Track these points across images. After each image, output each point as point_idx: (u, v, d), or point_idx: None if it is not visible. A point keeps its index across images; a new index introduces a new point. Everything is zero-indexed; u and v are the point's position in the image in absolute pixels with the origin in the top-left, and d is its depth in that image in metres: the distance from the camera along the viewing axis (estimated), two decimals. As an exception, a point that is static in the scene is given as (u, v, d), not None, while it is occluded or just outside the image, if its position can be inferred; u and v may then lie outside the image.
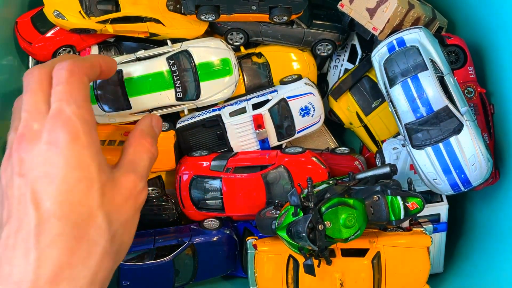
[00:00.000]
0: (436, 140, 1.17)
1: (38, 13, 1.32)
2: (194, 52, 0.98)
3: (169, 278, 1.25)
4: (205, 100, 1.13)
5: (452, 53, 1.33)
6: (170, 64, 0.85)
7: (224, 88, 0.94)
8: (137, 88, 0.95)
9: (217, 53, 1.18)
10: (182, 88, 0.89)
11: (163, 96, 0.98)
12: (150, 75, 0.92)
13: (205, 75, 0.94)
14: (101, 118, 1.15)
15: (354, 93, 1.42)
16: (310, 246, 1.05)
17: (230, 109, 1.36)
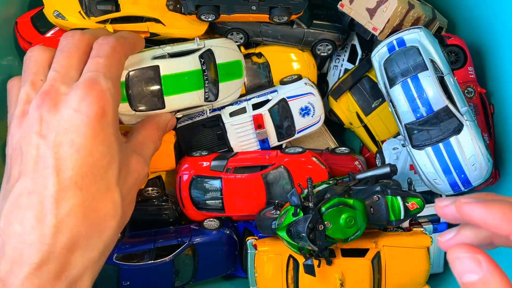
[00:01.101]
0: (436, 140, 1.17)
1: (38, 13, 1.32)
2: (216, 51, 0.94)
3: (169, 278, 1.25)
4: (220, 102, 1.10)
5: (452, 53, 1.33)
6: (202, 63, 0.82)
7: (235, 90, 0.91)
8: (173, 87, 0.89)
9: (233, 55, 1.15)
10: (209, 88, 0.85)
11: (195, 96, 0.94)
12: (186, 73, 0.88)
13: (223, 76, 0.90)
14: (128, 118, 1.04)
15: (354, 93, 1.42)
16: (310, 246, 1.05)
17: (230, 109, 1.36)
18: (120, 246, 1.23)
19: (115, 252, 1.21)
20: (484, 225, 0.48)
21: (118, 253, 1.21)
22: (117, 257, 1.21)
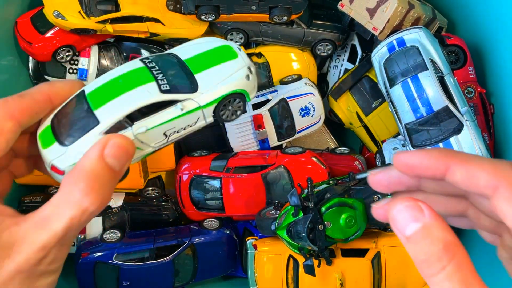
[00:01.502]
0: (436, 140, 1.17)
1: (38, 13, 1.32)
2: (178, 52, 0.63)
3: (169, 278, 1.25)
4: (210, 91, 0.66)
5: (452, 53, 1.33)
6: (146, 62, 0.61)
7: (233, 72, 0.57)
8: (104, 96, 0.59)
9: (211, 45, 0.75)
10: (168, 80, 0.60)
11: (143, 91, 0.58)
12: (120, 76, 0.60)
13: (198, 66, 0.63)
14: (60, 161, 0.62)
15: (354, 93, 1.42)
16: (310, 246, 1.05)
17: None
18: (120, 246, 1.23)
19: (115, 252, 1.21)
20: (420, 167, 0.48)
21: (118, 253, 1.21)
22: (117, 257, 1.21)
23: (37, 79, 1.39)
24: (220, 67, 0.64)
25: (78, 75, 1.38)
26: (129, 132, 0.58)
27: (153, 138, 0.60)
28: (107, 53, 1.40)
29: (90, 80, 1.39)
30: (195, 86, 0.62)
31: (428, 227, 0.42)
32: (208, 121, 0.65)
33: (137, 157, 0.61)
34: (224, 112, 0.64)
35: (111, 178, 0.51)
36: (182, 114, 0.61)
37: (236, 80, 0.63)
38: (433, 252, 0.41)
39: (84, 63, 1.38)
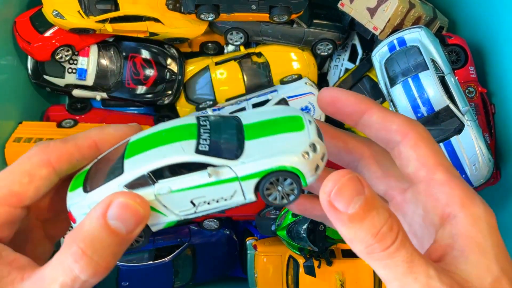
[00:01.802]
0: (437, 140, 1.16)
1: (37, 12, 1.32)
2: (244, 115, 0.55)
3: (169, 279, 1.25)
4: (253, 161, 0.52)
5: (453, 53, 1.32)
6: (200, 120, 0.54)
7: (289, 146, 0.49)
8: (139, 147, 0.53)
9: (281, 113, 0.59)
10: (211, 141, 0.51)
11: (176, 148, 0.51)
12: (165, 130, 0.54)
13: (254, 133, 0.51)
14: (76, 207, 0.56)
15: (354, 93, 1.41)
16: (310, 246, 1.05)
17: (230, 109, 1.35)
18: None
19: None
20: (345, 102, 0.48)
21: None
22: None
23: (36, 78, 1.39)
24: (277, 138, 0.51)
25: (77, 74, 1.38)
26: (150, 190, 0.49)
27: (177, 204, 0.51)
28: (106, 53, 1.39)
29: (89, 79, 1.38)
30: (239, 153, 0.50)
31: (371, 198, 0.39)
32: (248, 198, 0.51)
33: (159, 223, 0.51)
34: (271, 192, 0.50)
35: (114, 242, 0.44)
36: (214, 183, 0.49)
37: (290, 155, 0.49)
38: (382, 222, 0.38)
39: (84, 63, 1.38)
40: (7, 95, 1.31)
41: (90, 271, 0.42)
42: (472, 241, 0.41)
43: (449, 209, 0.43)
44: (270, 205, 0.51)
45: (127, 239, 0.45)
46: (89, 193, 0.50)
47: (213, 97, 1.44)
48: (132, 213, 0.45)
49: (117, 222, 0.44)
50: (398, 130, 0.46)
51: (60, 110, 1.45)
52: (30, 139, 1.26)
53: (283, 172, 0.48)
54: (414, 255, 0.39)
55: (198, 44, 1.49)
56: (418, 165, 0.45)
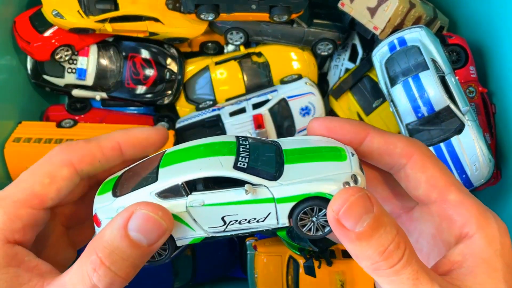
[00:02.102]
0: (438, 140, 1.16)
1: (37, 12, 1.32)
2: (283, 141, 0.55)
3: (169, 279, 1.24)
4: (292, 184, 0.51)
5: (453, 53, 1.32)
6: (240, 139, 0.53)
7: (330, 174, 0.48)
8: (176, 157, 0.52)
9: (321, 143, 0.58)
10: (250, 160, 0.50)
11: (214, 162, 0.50)
12: (203, 144, 0.53)
13: (293, 159, 0.51)
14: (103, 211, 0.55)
15: (354, 93, 1.41)
16: (310, 247, 1.05)
17: (230, 109, 1.35)
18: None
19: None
20: (341, 130, 0.48)
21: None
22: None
23: (36, 78, 1.39)
24: (318, 165, 0.49)
25: (76, 74, 1.38)
26: (182, 201, 0.48)
27: (208, 219, 0.49)
28: (106, 53, 1.39)
29: (89, 79, 1.38)
30: (277, 175, 0.48)
31: (380, 216, 0.39)
32: (281, 223, 0.49)
33: (185, 237, 0.50)
34: (306, 222, 0.48)
35: (135, 254, 0.43)
36: (249, 201, 0.47)
37: (331, 183, 0.46)
38: (389, 240, 0.38)
39: (83, 63, 1.37)
40: (7, 95, 1.31)
41: (108, 281, 0.42)
42: (483, 261, 0.42)
43: (466, 230, 0.43)
44: (303, 236, 0.49)
45: (148, 251, 0.43)
46: (118, 197, 0.49)
47: (213, 97, 1.44)
48: (154, 225, 0.43)
49: (138, 234, 0.42)
50: (402, 153, 0.46)
51: (59, 110, 1.45)
52: (30, 139, 1.26)
53: (321, 200, 0.46)
54: (420, 272, 0.39)
55: (198, 44, 1.48)
56: (429, 187, 0.45)
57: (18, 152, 1.24)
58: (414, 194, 0.47)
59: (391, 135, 0.47)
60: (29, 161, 1.37)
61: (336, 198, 0.40)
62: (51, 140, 1.26)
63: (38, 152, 1.24)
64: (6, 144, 1.25)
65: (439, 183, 0.45)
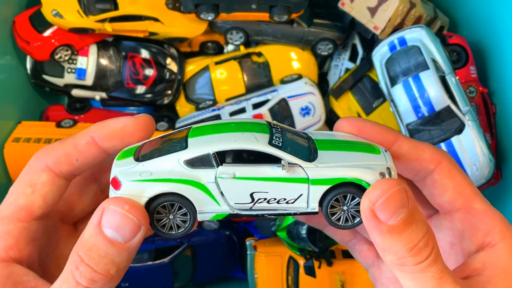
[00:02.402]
0: (438, 140, 1.16)
1: (36, 12, 1.31)
2: (312, 133, 0.53)
3: (169, 279, 1.24)
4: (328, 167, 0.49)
5: (453, 53, 1.32)
6: (271, 124, 0.51)
7: (367, 163, 0.47)
8: (207, 130, 0.50)
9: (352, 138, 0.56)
10: (283, 140, 0.48)
11: (249, 137, 0.48)
12: (236, 122, 0.50)
13: (327, 146, 0.49)
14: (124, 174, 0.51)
15: (355, 93, 1.41)
16: (310, 247, 1.05)
17: (230, 109, 1.35)
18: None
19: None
20: (371, 131, 0.48)
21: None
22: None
23: (36, 78, 1.39)
24: (353, 154, 0.47)
25: (76, 74, 1.37)
26: (211, 172, 0.46)
27: (236, 194, 0.47)
28: (106, 52, 1.39)
29: (89, 79, 1.38)
30: (312, 157, 0.46)
31: (414, 211, 0.39)
32: (311, 207, 0.47)
33: (208, 211, 0.47)
34: (336, 211, 0.46)
35: (112, 251, 0.41)
36: (282, 179, 0.46)
37: (367, 171, 0.44)
38: (420, 237, 0.38)
39: (83, 63, 1.37)
40: (6, 95, 1.31)
41: (89, 277, 0.41)
42: (503, 271, 0.42)
43: (489, 239, 0.44)
44: (332, 225, 0.46)
45: (126, 248, 0.42)
46: (141, 162, 0.47)
47: (213, 97, 1.43)
48: (125, 221, 0.42)
49: (111, 231, 0.41)
50: (431, 159, 0.46)
51: (59, 110, 1.45)
52: (29, 139, 1.25)
53: (356, 187, 0.45)
54: (444, 272, 0.39)
55: (198, 44, 1.48)
56: (455, 193, 0.46)
57: (18, 152, 1.24)
58: (439, 201, 0.47)
59: (419, 142, 0.48)
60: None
61: (374, 188, 0.39)
62: (51, 140, 1.26)
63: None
64: (6, 144, 1.25)
65: (466, 190, 0.46)
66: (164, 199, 0.45)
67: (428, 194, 0.48)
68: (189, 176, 0.45)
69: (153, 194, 0.45)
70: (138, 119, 0.49)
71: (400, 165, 0.48)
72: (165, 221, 0.46)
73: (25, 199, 0.46)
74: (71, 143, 0.49)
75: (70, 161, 0.48)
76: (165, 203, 0.45)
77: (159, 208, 0.45)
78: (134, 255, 0.43)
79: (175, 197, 0.45)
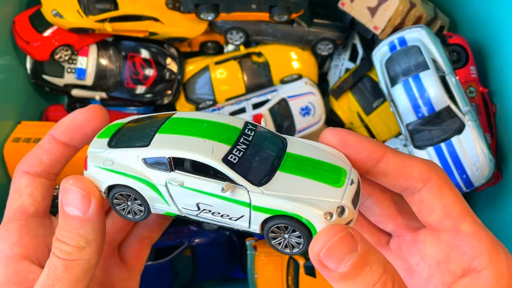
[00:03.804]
0: (438, 140, 1.16)
1: (36, 12, 1.31)
2: (293, 143, 0.51)
3: (168, 279, 1.24)
4: (272, 196, 0.47)
5: (453, 53, 1.32)
6: (248, 127, 0.50)
7: (315, 198, 0.44)
8: (177, 128, 0.50)
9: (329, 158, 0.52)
10: (244, 156, 0.47)
11: (204, 145, 0.47)
12: (210, 121, 0.50)
13: (292, 167, 0.47)
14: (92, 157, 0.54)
15: (355, 93, 1.41)
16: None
17: (230, 109, 1.35)
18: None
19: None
20: (358, 146, 0.45)
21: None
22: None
23: (35, 78, 1.38)
24: (309, 183, 0.45)
25: (76, 74, 1.37)
26: (164, 175, 0.47)
27: (183, 200, 0.48)
28: (105, 52, 1.39)
29: (89, 79, 1.38)
30: (265, 180, 0.45)
31: (365, 255, 0.37)
32: (252, 228, 0.47)
33: (159, 209, 0.49)
34: (277, 236, 0.46)
35: (76, 225, 0.46)
36: (225, 198, 0.46)
37: (311, 208, 0.43)
38: (375, 280, 0.37)
39: (83, 63, 1.37)
40: (6, 95, 1.31)
41: (64, 251, 0.46)
42: None
43: (476, 263, 0.42)
44: (272, 247, 0.48)
45: (86, 219, 0.47)
46: (109, 149, 0.49)
47: (213, 97, 1.43)
48: (75, 195, 0.46)
49: (70, 208, 0.47)
50: (419, 177, 0.44)
51: (59, 110, 1.45)
52: (29, 139, 1.25)
53: (295, 222, 0.44)
54: None
55: (198, 44, 1.48)
56: (443, 214, 0.44)
57: (18, 152, 1.24)
58: (426, 220, 0.46)
59: (408, 157, 0.45)
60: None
61: (318, 238, 0.39)
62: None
63: (38, 152, 1.24)
64: (6, 144, 1.25)
65: (454, 211, 0.44)
66: (120, 190, 0.49)
67: (416, 211, 0.46)
68: (144, 174, 0.48)
69: (110, 184, 0.48)
70: (86, 110, 0.53)
71: (387, 182, 0.46)
72: (124, 205, 0.50)
73: (15, 203, 0.52)
74: (37, 146, 0.54)
75: (40, 161, 0.53)
76: (122, 192, 0.49)
77: (118, 195, 0.49)
78: (100, 226, 0.47)
79: (130, 190, 0.48)
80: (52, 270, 0.45)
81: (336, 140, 0.46)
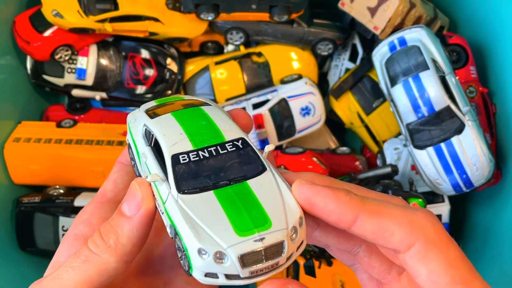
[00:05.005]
0: (438, 140, 1.16)
1: (36, 12, 1.31)
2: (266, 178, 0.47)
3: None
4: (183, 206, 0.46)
5: (453, 53, 1.32)
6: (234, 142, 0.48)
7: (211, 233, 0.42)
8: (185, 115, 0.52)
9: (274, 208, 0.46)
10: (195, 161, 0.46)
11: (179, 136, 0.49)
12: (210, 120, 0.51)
13: (226, 195, 0.44)
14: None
15: (355, 93, 1.41)
16: (310, 247, 1.05)
17: (230, 109, 1.35)
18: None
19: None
20: (324, 209, 0.40)
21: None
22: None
23: (36, 78, 1.39)
24: (220, 216, 0.42)
25: (76, 74, 1.37)
26: (144, 146, 0.51)
27: (143, 172, 0.51)
28: (106, 53, 1.39)
29: (89, 79, 1.38)
30: (188, 191, 0.44)
31: None
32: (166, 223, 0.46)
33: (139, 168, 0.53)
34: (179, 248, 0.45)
35: (118, 221, 0.45)
36: (155, 184, 0.47)
37: (193, 237, 0.40)
38: None
39: (83, 63, 1.37)
40: (6, 95, 1.31)
41: (93, 241, 0.45)
42: None
43: None
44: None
45: (128, 220, 0.45)
46: (142, 111, 0.54)
47: (213, 97, 1.43)
48: (134, 195, 0.46)
49: (124, 204, 0.46)
50: (401, 242, 0.39)
51: (59, 110, 1.45)
52: (29, 139, 1.25)
53: (179, 241, 0.42)
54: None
55: (198, 44, 1.48)
56: (429, 281, 0.39)
57: (18, 152, 1.24)
58: (414, 280, 0.41)
59: (388, 218, 0.40)
60: (28, 161, 1.37)
61: None
62: (51, 140, 1.26)
63: (38, 152, 1.24)
64: (6, 144, 1.25)
65: (442, 279, 0.39)
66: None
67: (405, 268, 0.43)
68: (139, 141, 0.53)
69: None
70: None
71: (368, 241, 0.42)
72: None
73: (102, 187, 0.54)
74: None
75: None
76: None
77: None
78: (138, 233, 0.45)
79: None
80: (76, 256, 0.44)
81: (302, 200, 0.42)
